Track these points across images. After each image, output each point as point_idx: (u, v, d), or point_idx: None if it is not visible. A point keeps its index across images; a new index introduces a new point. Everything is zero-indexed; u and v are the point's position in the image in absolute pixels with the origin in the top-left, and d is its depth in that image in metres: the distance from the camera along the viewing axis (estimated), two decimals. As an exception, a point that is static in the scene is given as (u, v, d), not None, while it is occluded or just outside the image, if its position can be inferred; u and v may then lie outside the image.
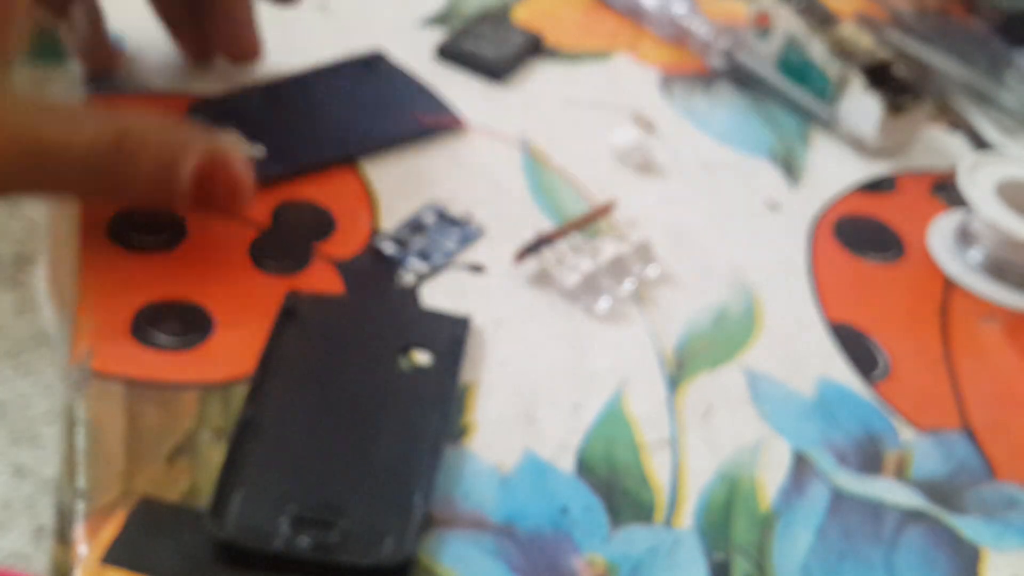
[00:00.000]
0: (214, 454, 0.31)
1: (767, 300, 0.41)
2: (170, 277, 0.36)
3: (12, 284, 1.29)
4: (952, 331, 0.41)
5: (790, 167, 0.48)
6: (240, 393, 0.33)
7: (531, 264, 0.39)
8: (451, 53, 0.51)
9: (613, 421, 0.35)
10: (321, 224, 0.40)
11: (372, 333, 0.35)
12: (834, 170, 0.48)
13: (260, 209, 0.40)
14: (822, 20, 0.50)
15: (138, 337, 0.34)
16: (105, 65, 0.45)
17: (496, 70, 0.50)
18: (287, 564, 0.28)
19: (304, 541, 0.27)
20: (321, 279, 0.38)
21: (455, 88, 0.48)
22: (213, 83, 0.46)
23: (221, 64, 0.47)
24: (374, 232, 0.40)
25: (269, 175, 0.41)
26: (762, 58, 0.52)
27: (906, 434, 0.36)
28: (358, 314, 0.36)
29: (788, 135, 0.50)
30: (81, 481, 0.30)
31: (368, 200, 0.42)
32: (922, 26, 0.58)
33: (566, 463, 0.33)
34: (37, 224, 1.24)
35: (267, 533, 0.28)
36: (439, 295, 0.38)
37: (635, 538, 0.31)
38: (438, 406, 0.32)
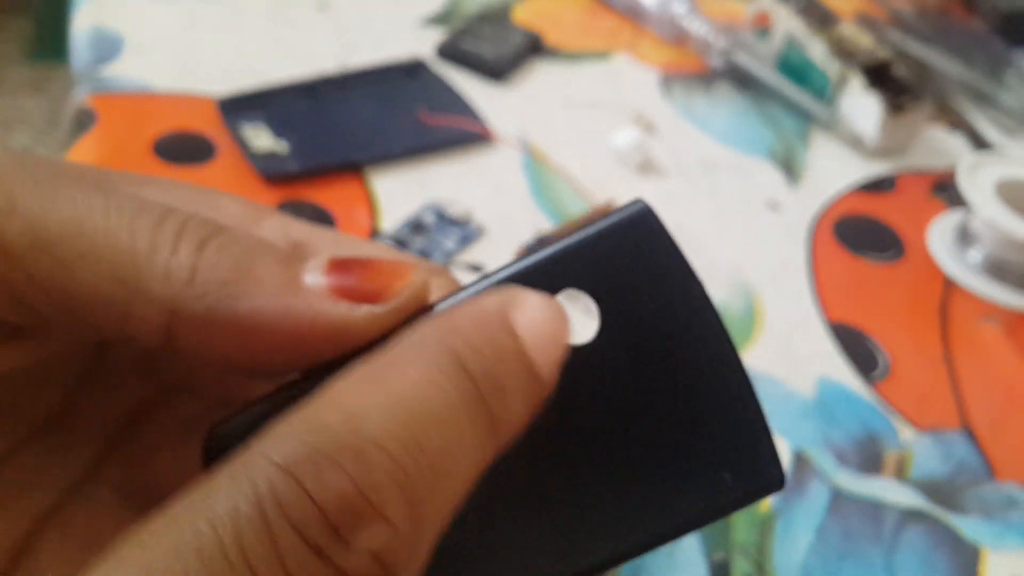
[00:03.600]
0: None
1: (767, 300, 0.41)
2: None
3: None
4: (952, 331, 0.41)
5: (790, 167, 0.48)
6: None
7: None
8: (451, 53, 0.51)
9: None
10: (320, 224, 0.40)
11: None
12: (834, 170, 0.48)
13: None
14: (822, 20, 0.50)
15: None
16: None
17: (496, 70, 0.50)
18: None
19: None
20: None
21: (455, 88, 0.48)
22: (217, 83, 0.46)
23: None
24: (374, 232, 0.40)
25: (289, 172, 0.41)
26: (762, 58, 0.52)
27: (906, 434, 0.36)
28: None
29: (788, 135, 0.50)
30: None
31: (368, 200, 0.42)
32: (922, 26, 0.58)
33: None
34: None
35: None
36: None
37: (635, 538, 0.31)
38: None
